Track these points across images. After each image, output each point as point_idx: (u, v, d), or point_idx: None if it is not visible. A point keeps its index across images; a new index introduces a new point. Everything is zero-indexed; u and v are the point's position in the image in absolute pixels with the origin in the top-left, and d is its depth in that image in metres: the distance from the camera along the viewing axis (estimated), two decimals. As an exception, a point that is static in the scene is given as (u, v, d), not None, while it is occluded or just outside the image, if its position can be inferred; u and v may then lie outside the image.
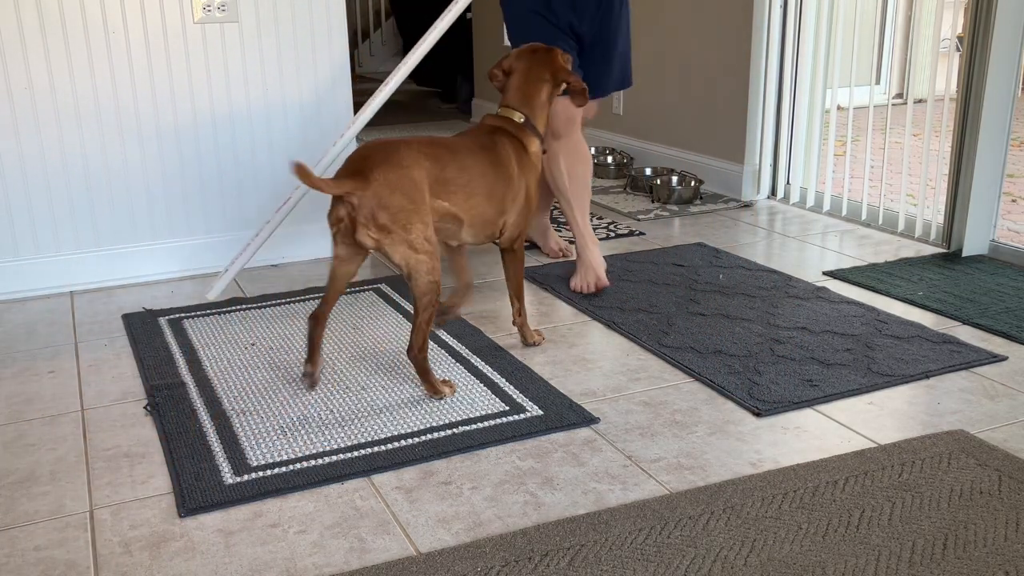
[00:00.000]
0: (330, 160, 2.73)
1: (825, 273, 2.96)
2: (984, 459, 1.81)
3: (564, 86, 2.40)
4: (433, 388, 2.13)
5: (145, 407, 2.13)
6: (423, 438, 1.95)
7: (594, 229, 3.34)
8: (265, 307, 2.75)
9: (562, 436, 1.97)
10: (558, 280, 2.90)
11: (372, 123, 6.25)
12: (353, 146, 3.02)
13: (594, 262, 2.81)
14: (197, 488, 1.77)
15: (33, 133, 2.82)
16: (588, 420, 2.01)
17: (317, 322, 2.19)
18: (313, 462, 1.86)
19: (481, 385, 2.20)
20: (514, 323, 2.44)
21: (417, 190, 2.02)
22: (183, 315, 2.69)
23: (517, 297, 2.40)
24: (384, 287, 2.91)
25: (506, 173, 2.24)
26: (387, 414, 2.06)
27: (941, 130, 3.28)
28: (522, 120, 2.32)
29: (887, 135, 3.71)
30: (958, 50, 3.15)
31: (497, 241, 2.32)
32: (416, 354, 2.11)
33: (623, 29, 2.88)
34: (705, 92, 4.04)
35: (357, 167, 2.01)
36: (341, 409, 2.09)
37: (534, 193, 2.33)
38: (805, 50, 3.70)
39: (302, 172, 1.90)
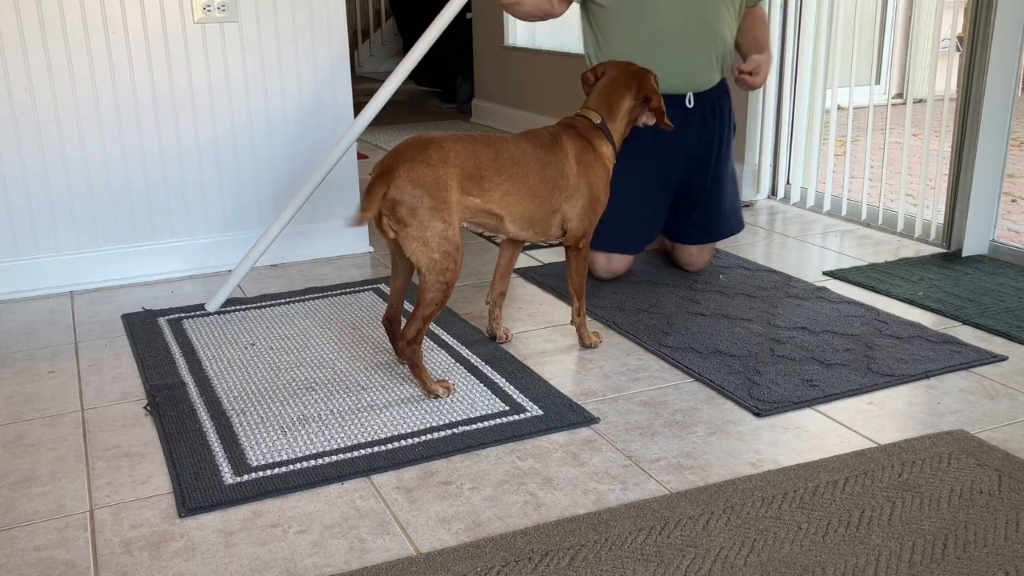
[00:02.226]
0: (331, 164, 2.71)
1: (825, 273, 2.96)
2: (984, 459, 1.81)
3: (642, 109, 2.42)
4: (426, 386, 2.13)
5: (145, 407, 2.13)
6: (423, 438, 1.95)
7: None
8: (265, 307, 2.75)
9: (562, 436, 1.97)
10: (558, 280, 2.90)
11: (373, 123, 6.27)
12: (352, 151, 3.03)
13: None
14: (197, 488, 1.77)
15: (33, 133, 2.82)
16: (588, 420, 2.01)
17: (391, 324, 2.26)
18: (313, 462, 1.86)
19: (481, 385, 2.20)
20: (572, 322, 2.42)
21: (441, 188, 2.03)
22: (183, 315, 2.69)
23: (577, 296, 2.38)
24: (384, 287, 2.91)
25: (558, 171, 2.23)
26: (387, 414, 2.06)
27: (941, 130, 3.28)
28: (598, 121, 2.34)
29: (887, 135, 3.71)
30: (958, 50, 3.15)
31: (561, 239, 2.32)
32: (406, 346, 2.11)
33: (724, 180, 2.94)
34: (705, 92, 4.04)
35: (388, 164, 2.06)
36: (341, 409, 2.09)
37: (600, 193, 2.31)
38: (805, 50, 3.70)
39: (358, 221, 2.05)
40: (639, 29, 2.73)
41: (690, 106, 2.81)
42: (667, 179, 2.86)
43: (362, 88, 8.16)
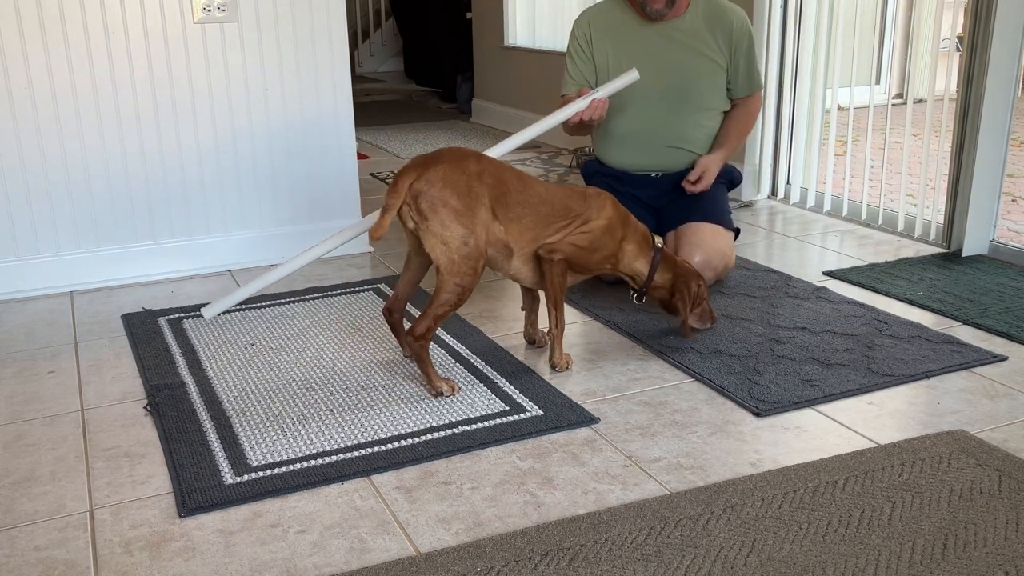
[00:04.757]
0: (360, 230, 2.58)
1: (825, 273, 2.96)
2: (984, 459, 1.81)
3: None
4: (431, 382, 2.13)
5: (145, 407, 2.13)
6: (423, 438, 1.95)
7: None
8: (265, 307, 2.75)
9: (562, 436, 1.97)
10: (558, 280, 2.90)
11: (373, 123, 6.27)
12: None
13: None
14: (197, 488, 1.77)
15: (33, 133, 2.82)
16: (588, 420, 2.01)
17: (391, 314, 2.28)
18: (313, 462, 1.86)
19: (481, 385, 2.20)
20: (548, 333, 2.34)
21: (471, 196, 2.05)
22: (183, 315, 2.69)
23: (553, 307, 2.25)
24: (384, 287, 2.91)
25: (579, 215, 2.22)
26: (387, 414, 2.06)
27: (941, 130, 3.28)
28: (660, 245, 2.35)
29: (887, 135, 3.71)
30: (958, 50, 3.15)
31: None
32: (413, 341, 2.11)
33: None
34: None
35: (423, 160, 2.08)
36: (341, 409, 2.09)
37: (595, 253, 2.26)
38: (805, 50, 3.70)
39: (382, 229, 2.02)
40: (613, 127, 2.92)
41: (656, 177, 2.95)
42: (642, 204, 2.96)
43: (362, 88, 8.17)
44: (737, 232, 2.92)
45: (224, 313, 2.69)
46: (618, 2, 2.93)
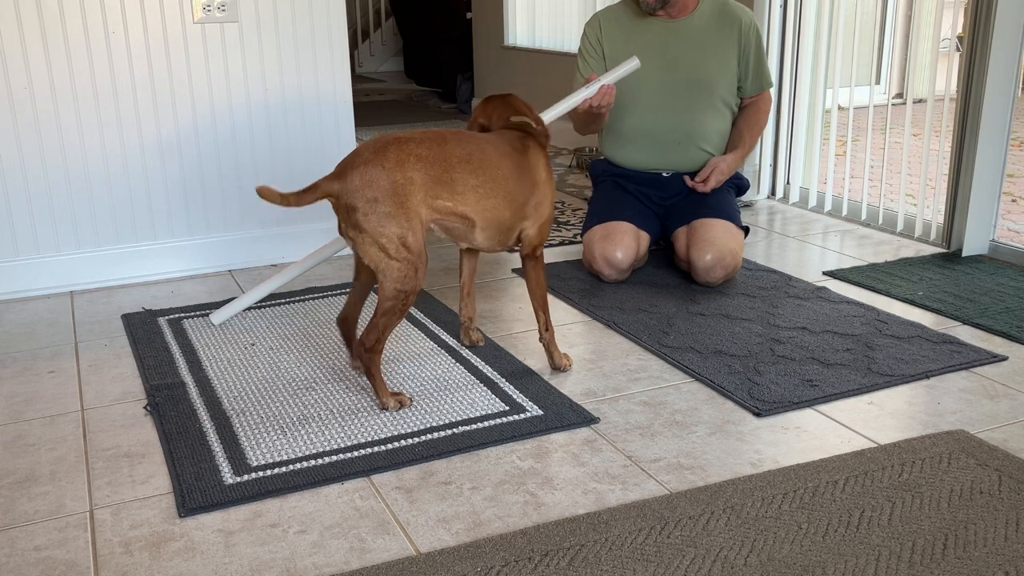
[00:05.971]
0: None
1: (825, 273, 2.96)
2: (984, 459, 1.81)
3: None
4: (379, 396, 2.08)
5: (145, 407, 2.13)
6: (423, 438, 1.95)
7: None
8: (265, 307, 2.75)
9: (562, 436, 1.97)
10: (558, 280, 2.90)
11: (372, 123, 6.28)
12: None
13: None
14: (197, 488, 1.77)
15: (33, 133, 2.82)
16: (588, 420, 2.01)
17: (344, 323, 2.25)
18: (313, 462, 1.86)
19: (481, 385, 2.20)
20: (540, 340, 2.28)
21: (399, 192, 1.94)
22: (183, 315, 2.69)
23: (542, 310, 2.23)
24: (384, 287, 2.90)
25: (531, 178, 2.14)
26: (387, 414, 2.06)
27: (941, 130, 3.28)
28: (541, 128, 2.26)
29: (887, 135, 3.71)
30: (958, 50, 3.15)
31: (517, 248, 2.21)
32: (364, 352, 2.05)
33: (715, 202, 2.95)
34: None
35: (342, 166, 1.99)
36: (341, 408, 2.09)
37: (552, 205, 2.23)
38: (805, 50, 3.70)
39: (267, 193, 1.94)
40: (623, 125, 2.98)
41: (667, 176, 3.01)
42: (648, 201, 3.02)
43: (362, 88, 8.17)
44: (746, 231, 2.93)
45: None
46: (628, 4, 2.99)
